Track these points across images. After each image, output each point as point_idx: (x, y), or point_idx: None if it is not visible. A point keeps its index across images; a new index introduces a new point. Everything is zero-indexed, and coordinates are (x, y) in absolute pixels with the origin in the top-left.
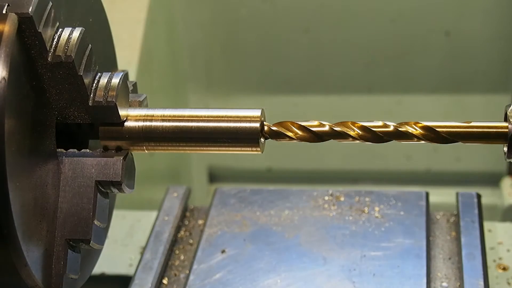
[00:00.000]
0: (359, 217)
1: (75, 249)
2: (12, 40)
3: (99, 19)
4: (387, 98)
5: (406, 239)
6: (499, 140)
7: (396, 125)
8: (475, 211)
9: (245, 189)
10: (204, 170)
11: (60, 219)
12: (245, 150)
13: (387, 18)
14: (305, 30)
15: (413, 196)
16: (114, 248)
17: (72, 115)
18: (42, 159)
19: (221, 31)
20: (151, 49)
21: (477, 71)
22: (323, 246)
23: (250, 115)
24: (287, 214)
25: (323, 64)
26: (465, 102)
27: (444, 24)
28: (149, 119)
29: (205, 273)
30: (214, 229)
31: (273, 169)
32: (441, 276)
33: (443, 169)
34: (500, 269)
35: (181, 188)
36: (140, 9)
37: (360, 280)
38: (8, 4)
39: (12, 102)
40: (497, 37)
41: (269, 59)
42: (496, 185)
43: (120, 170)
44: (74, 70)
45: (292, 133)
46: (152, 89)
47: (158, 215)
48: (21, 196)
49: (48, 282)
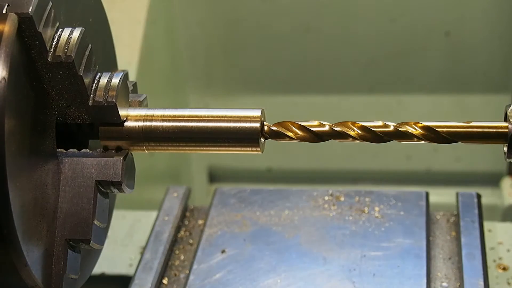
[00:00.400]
0: (359, 217)
1: (75, 249)
2: (12, 40)
3: (99, 19)
4: (387, 98)
5: (406, 239)
6: (499, 140)
7: (396, 125)
8: (475, 211)
9: (245, 189)
10: (204, 170)
11: (60, 219)
12: (245, 150)
13: (387, 18)
14: (305, 30)
15: (413, 196)
16: (114, 248)
17: (72, 115)
18: (42, 159)
19: (221, 31)
20: (151, 49)
21: (477, 71)
22: (323, 246)
23: (250, 115)
24: (287, 214)
25: (323, 64)
26: (465, 102)
27: (444, 24)
28: (149, 119)
29: (205, 273)
30: (214, 229)
31: (273, 169)
32: (441, 276)
33: (443, 169)
34: (500, 269)
35: (181, 188)
36: (140, 9)
37: (360, 280)
38: (8, 4)
39: (12, 102)
40: (497, 37)
41: (269, 59)
42: (496, 185)
43: (120, 170)
44: (74, 70)
45: (292, 133)
46: (152, 89)
47: (158, 215)
48: (21, 196)
49: (48, 282)
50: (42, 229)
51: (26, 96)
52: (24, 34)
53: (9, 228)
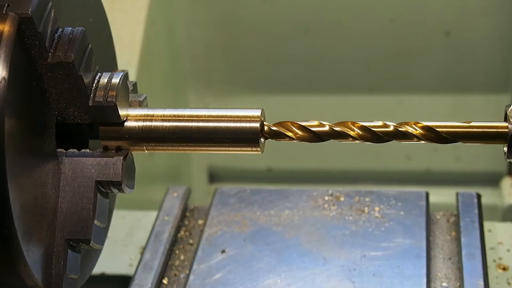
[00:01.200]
0: (359, 217)
1: (75, 249)
2: (12, 40)
3: (99, 19)
4: (387, 98)
5: (406, 239)
6: (499, 140)
7: (396, 125)
8: (475, 211)
9: (245, 189)
10: (204, 170)
11: (60, 219)
12: (245, 150)
13: (387, 18)
14: (305, 30)
15: (413, 196)
16: (114, 248)
17: (72, 115)
18: (42, 159)
19: (221, 31)
20: (151, 49)
21: (477, 71)
22: (323, 246)
23: (250, 115)
24: (287, 214)
25: (323, 64)
26: (465, 102)
27: (444, 24)
28: (149, 119)
29: (205, 273)
30: (214, 229)
31: (273, 169)
32: (441, 276)
33: (443, 169)
34: (500, 269)
35: (181, 188)
36: (140, 9)
37: (360, 280)
38: (8, 4)
39: (12, 102)
40: (497, 37)
41: (269, 59)
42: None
43: (120, 170)
44: (74, 70)
45: (292, 133)
46: (152, 89)
47: (158, 215)
48: (21, 196)
49: (48, 282)
50: (42, 229)
51: (26, 96)
52: (24, 34)
53: (9, 228)
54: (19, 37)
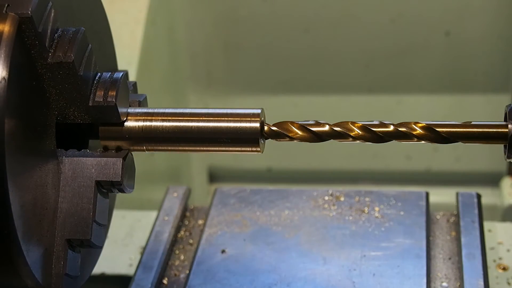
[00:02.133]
0: (359, 217)
1: (75, 249)
2: (12, 40)
3: (99, 19)
4: (387, 98)
5: (406, 239)
6: (499, 140)
7: (396, 125)
8: (475, 211)
9: (245, 189)
10: (204, 170)
11: (60, 219)
12: (245, 150)
13: (387, 18)
14: (305, 30)
15: (413, 196)
16: (114, 248)
17: (72, 115)
18: (42, 159)
19: (221, 31)
20: (151, 49)
21: (477, 71)
22: (323, 246)
23: (250, 115)
24: (287, 214)
25: (323, 64)
26: (465, 102)
27: (444, 24)
28: (149, 119)
29: (205, 273)
30: (214, 229)
31: (273, 169)
32: (441, 276)
33: (443, 169)
34: (500, 269)
35: (181, 188)
36: (140, 9)
37: (360, 280)
38: (8, 4)
39: (12, 102)
40: (497, 37)
41: (269, 59)
42: (496, 185)
43: (120, 170)
44: (74, 70)
45: (292, 133)
46: (152, 89)
47: (158, 215)
48: (21, 196)
49: (48, 282)
50: (42, 229)
51: (26, 96)
52: (24, 34)
53: (9, 228)
54: (19, 37)
